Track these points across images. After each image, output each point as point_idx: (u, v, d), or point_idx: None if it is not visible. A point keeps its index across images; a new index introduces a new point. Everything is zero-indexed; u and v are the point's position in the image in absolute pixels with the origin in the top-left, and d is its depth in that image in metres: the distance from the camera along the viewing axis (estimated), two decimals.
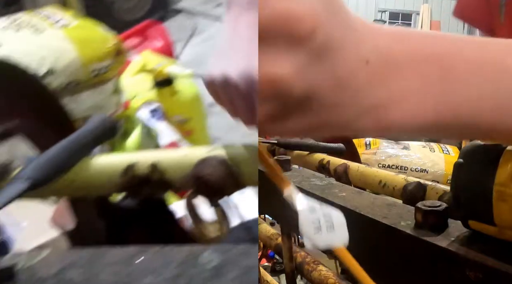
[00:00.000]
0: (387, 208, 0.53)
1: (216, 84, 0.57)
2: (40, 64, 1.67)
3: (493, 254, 0.38)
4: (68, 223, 0.91)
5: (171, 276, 0.44)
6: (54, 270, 0.46)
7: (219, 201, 0.66)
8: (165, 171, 0.65)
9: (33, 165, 0.62)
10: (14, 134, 0.95)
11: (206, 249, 0.48)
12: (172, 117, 2.16)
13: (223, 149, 0.64)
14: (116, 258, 0.48)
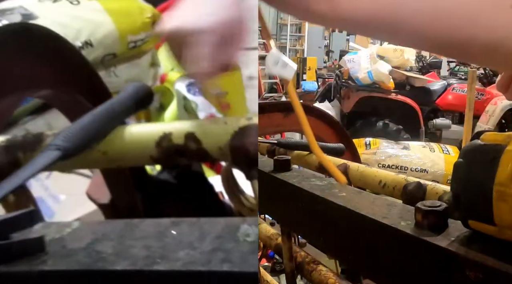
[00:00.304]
0: (387, 208, 0.53)
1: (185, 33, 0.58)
2: (76, 36, 1.63)
3: (493, 254, 0.38)
4: (103, 197, 0.89)
5: (207, 249, 0.42)
6: (85, 243, 0.45)
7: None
8: (201, 140, 0.61)
9: (64, 134, 0.59)
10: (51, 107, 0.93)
11: (244, 222, 0.45)
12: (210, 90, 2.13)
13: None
14: (149, 230, 0.46)
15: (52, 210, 1.52)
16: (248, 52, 0.65)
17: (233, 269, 0.39)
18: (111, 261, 0.42)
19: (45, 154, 0.56)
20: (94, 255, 0.43)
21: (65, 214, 1.47)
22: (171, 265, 0.40)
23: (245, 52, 0.62)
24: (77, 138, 0.60)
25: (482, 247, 0.39)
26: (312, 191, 0.63)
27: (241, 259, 0.40)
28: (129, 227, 0.47)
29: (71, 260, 0.42)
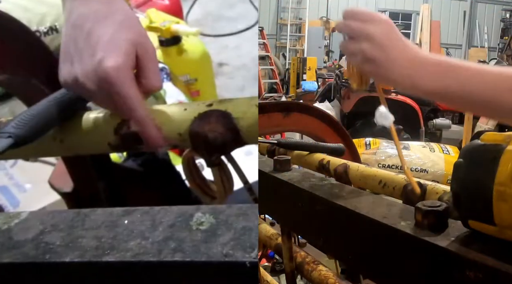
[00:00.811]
0: (387, 208, 0.53)
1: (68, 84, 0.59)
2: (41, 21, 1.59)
3: (493, 254, 0.38)
4: (66, 186, 0.87)
5: (159, 239, 0.41)
6: (33, 234, 0.44)
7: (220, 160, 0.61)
8: (161, 127, 0.60)
9: (16, 121, 0.57)
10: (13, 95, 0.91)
11: (198, 210, 0.44)
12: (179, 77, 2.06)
13: (224, 103, 0.59)
14: (100, 220, 0.45)
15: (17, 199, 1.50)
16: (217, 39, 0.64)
17: (185, 259, 0.39)
18: (59, 253, 0.41)
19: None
20: (42, 247, 0.42)
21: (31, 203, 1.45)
22: (121, 256, 0.40)
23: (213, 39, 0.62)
24: (30, 125, 0.57)
25: (482, 247, 0.39)
26: (312, 191, 0.63)
27: (194, 248, 0.40)
28: (80, 217, 0.46)
29: (17, 252, 0.41)
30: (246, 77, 3.26)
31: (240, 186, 0.65)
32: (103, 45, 0.57)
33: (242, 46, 3.50)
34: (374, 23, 0.63)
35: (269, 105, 1.28)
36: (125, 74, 0.56)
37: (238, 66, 3.35)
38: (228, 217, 0.43)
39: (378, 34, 0.62)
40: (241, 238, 0.40)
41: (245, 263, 0.38)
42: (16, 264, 0.41)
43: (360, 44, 0.63)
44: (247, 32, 3.59)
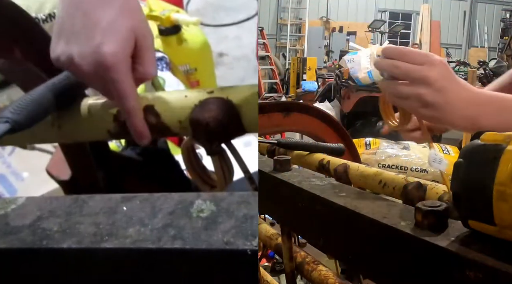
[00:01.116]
0: (387, 208, 0.53)
1: (61, 62, 0.58)
2: (39, 8, 1.57)
3: (493, 254, 0.38)
4: (63, 174, 0.87)
5: (159, 226, 0.41)
6: (30, 220, 0.43)
7: (220, 149, 0.60)
8: (161, 114, 0.59)
9: (13, 106, 0.56)
10: (11, 82, 0.89)
11: (199, 197, 0.44)
12: (179, 66, 2.01)
13: (226, 91, 0.58)
14: (99, 207, 0.44)
15: (15, 187, 1.49)
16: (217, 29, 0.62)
17: (185, 246, 0.38)
18: (57, 239, 0.40)
19: None
20: (39, 233, 0.41)
21: (28, 192, 1.44)
22: (119, 243, 0.39)
23: (213, 29, 0.62)
24: (27, 110, 0.56)
25: (482, 247, 0.39)
26: (312, 191, 0.63)
27: (194, 235, 0.39)
28: (78, 203, 0.45)
29: (14, 238, 0.41)
30: (246, 67, 3.25)
31: (239, 176, 0.65)
32: (102, 29, 0.56)
33: (243, 37, 3.48)
34: (430, 65, 0.60)
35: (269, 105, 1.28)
36: (122, 61, 0.56)
37: (238, 57, 3.33)
38: (229, 205, 0.43)
39: (437, 78, 0.59)
40: (242, 226, 0.40)
41: (246, 251, 0.38)
42: (13, 250, 0.40)
43: (417, 88, 0.60)
44: (247, 23, 3.56)
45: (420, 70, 0.60)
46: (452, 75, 0.61)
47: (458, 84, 0.61)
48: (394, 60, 0.61)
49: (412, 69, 0.60)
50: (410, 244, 0.45)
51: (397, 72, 0.61)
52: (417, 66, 0.60)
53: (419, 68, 0.60)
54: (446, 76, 0.60)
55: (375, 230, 0.50)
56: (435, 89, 0.60)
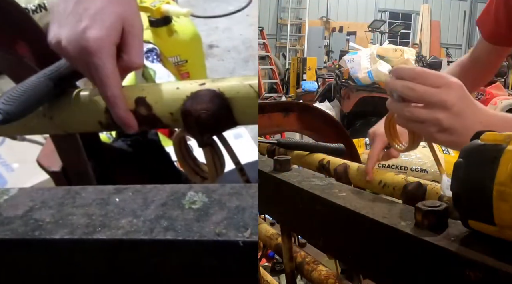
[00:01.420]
0: (387, 208, 0.53)
1: (52, 46, 0.59)
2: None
3: (493, 254, 0.38)
4: (54, 164, 0.87)
5: (151, 217, 0.41)
6: (22, 210, 0.43)
7: (211, 141, 0.60)
8: (152, 106, 0.59)
9: (5, 97, 0.56)
10: (1, 73, 0.89)
11: (191, 189, 0.44)
12: (169, 58, 2.02)
13: (217, 83, 0.58)
14: (91, 198, 0.44)
15: (4, 178, 1.49)
16: (207, 20, 0.62)
17: (177, 237, 0.38)
18: (49, 230, 0.40)
19: None
20: (32, 224, 0.41)
21: (18, 183, 1.44)
22: (112, 234, 0.39)
23: (204, 21, 0.62)
24: (19, 101, 0.57)
25: (482, 247, 0.39)
26: (312, 191, 0.63)
27: (186, 227, 0.39)
28: (70, 194, 0.45)
29: (6, 228, 0.41)
30: (236, 59, 3.24)
31: (230, 167, 0.65)
32: (89, 14, 0.57)
33: (233, 28, 3.47)
34: (448, 88, 0.57)
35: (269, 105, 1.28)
36: (105, 47, 0.56)
37: (228, 48, 3.32)
38: (221, 196, 0.43)
39: (455, 101, 0.56)
40: (234, 218, 0.40)
41: (238, 242, 0.38)
42: (5, 241, 0.40)
43: (434, 113, 0.57)
44: (238, 14, 3.55)
45: (437, 93, 0.56)
46: (469, 98, 0.58)
47: (475, 107, 0.59)
48: (408, 82, 0.58)
49: (429, 92, 0.57)
50: (410, 244, 0.45)
51: (413, 94, 0.57)
52: (434, 88, 0.57)
53: (436, 91, 0.57)
54: (463, 99, 0.57)
55: (375, 230, 0.50)
56: (453, 113, 0.57)
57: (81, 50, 0.56)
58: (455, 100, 0.57)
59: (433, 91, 0.57)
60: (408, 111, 0.59)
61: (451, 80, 0.58)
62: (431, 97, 0.57)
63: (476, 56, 1.08)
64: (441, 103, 0.57)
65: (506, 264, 0.36)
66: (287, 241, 0.78)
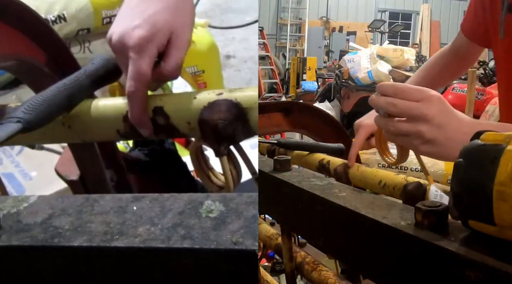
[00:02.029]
0: (387, 208, 0.53)
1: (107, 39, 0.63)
2: (49, 10, 1.60)
3: (493, 254, 0.38)
4: (72, 173, 0.88)
5: (168, 226, 0.41)
6: (41, 218, 0.44)
7: (228, 150, 0.61)
8: (170, 115, 0.60)
9: (25, 106, 0.57)
10: (20, 82, 0.90)
11: (208, 198, 0.44)
12: (186, 68, 2.05)
13: (234, 93, 0.58)
14: (109, 206, 0.45)
15: (23, 186, 1.51)
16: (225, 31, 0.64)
17: (194, 246, 0.39)
18: (68, 237, 0.41)
19: (5, 126, 0.54)
20: (51, 231, 0.42)
21: (36, 191, 1.46)
22: (129, 242, 0.40)
23: (221, 31, 0.65)
24: (39, 110, 0.57)
25: (482, 247, 0.39)
26: (312, 191, 0.63)
27: (203, 235, 0.40)
28: (89, 202, 0.46)
29: (26, 235, 0.41)
30: (253, 69, 3.26)
31: (247, 178, 0.65)
32: (143, 16, 0.60)
33: (250, 39, 3.49)
34: (428, 101, 0.59)
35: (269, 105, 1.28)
36: (146, 47, 0.59)
37: (245, 59, 3.34)
38: (238, 205, 0.43)
39: (436, 114, 0.59)
40: (250, 226, 0.40)
41: (254, 251, 0.38)
42: (25, 247, 0.41)
43: (416, 126, 0.59)
44: (255, 25, 3.57)
45: (418, 107, 0.59)
46: (450, 109, 0.61)
47: (456, 117, 0.61)
48: (391, 98, 0.60)
49: (410, 106, 0.59)
50: (410, 244, 0.45)
51: (395, 110, 0.60)
52: (415, 103, 0.59)
53: (417, 105, 0.59)
54: (444, 111, 0.60)
55: (375, 230, 0.50)
56: (434, 125, 0.59)
57: (125, 44, 0.59)
58: (435, 113, 0.59)
59: (414, 105, 0.59)
60: (392, 126, 0.61)
61: (431, 93, 0.60)
62: (412, 111, 0.59)
63: (456, 48, 1.12)
64: (422, 116, 0.59)
65: (506, 264, 0.36)
66: (287, 241, 0.78)
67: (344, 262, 0.83)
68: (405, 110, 0.60)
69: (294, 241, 0.84)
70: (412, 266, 0.45)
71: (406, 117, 0.60)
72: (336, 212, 0.57)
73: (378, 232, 0.49)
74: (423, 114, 0.59)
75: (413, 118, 0.59)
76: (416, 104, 0.59)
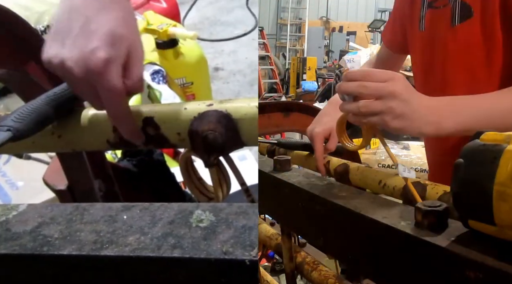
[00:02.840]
0: (387, 208, 0.53)
1: (53, 65, 0.59)
2: (38, 20, 1.61)
3: (493, 254, 0.38)
4: (60, 183, 0.87)
5: (159, 235, 0.41)
6: (31, 226, 0.44)
7: (218, 161, 0.61)
8: (160, 125, 0.60)
9: (15, 115, 0.57)
10: (8, 92, 0.90)
11: (198, 207, 0.44)
12: (175, 79, 2.05)
13: (225, 104, 0.59)
14: (99, 215, 0.45)
15: (9, 196, 1.50)
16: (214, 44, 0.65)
17: (184, 255, 0.39)
18: (57, 246, 0.41)
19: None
20: (40, 239, 0.42)
21: (23, 201, 1.46)
22: (119, 251, 0.40)
23: (210, 44, 0.64)
24: (29, 119, 0.57)
25: (482, 247, 0.39)
26: (312, 191, 0.63)
27: (193, 245, 0.40)
28: (79, 211, 0.46)
29: (15, 243, 0.41)
30: (241, 82, 3.29)
31: (236, 189, 0.65)
32: (100, 36, 0.57)
33: (238, 52, 3.53)
34: (394, 80, 0.66)
35: (269, 105, 1.28)
36: (115, 68, 0.57)
37: (233, 71, 3.37)
38: (228, 215, 0.43)
39: (402, 90, 0.66)
40: (241, 236, 0.40)
41: (244, 261, 0.38)
42: (13, 256, 0.40)
43: (387, 102, 0.65)
44: (243, 38, 3.62)
45: (386, 86, 0.66)
46: (411, 86, 0.68)
47: (417, 93, 0.69)
48: (360, 82, 0.67)
49: (379, 86, 0.66)
50: (410, 244, 0.45)
51: (366, 91, 0.66)
52: (382, 83, 0.66)
53: (385, 85, 0.66)
54: (408, 88, 0.67)
55: (375, 230, 0.50)
56: (402, 100, 0.66)
57: (90, 71, 0.56)
58: (402, 89, 0.66)
59: (383, 85, 0.66)
60: (363, 106, 0.66)
61: (394, 74, 0.68)
62: (382, 90, 0.66)
63: (380, 58, 1.23)
64: (391, 93, 0.66)
65: (506, 264, 0.36)
66: (287, 241, 0.78)
67: (344, 262, 0.83)
68: (375, 90, 0.66)
69: (294, 241, 0.84)
70: (412, 266, 0.45)
71: (376, 97, 0.66)
72: (336, 212, 0.57)
73: (378, 232, 0.49)
74: (391, 92, 0.65)
75: (382, 96, 0.66)
76: (384, 84, 0.66)
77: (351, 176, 0.78)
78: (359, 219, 0.52)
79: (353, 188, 0.67)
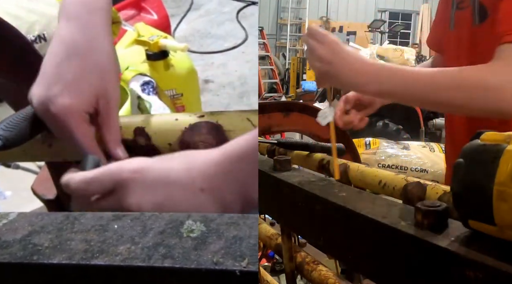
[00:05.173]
0: (387, 208, 0.53)
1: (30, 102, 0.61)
2: (29, 30, 1.61)
3: (493, 254, 0.38)
4: (49, 192, 0.87)
5: (149, 245, 0.41)
6: (21, 235, 0.43)
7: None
8: (151, 136, 0.60)
9: (4, 124, 0.58)
10: (1, 101, 0.90)
11: (189, 217, 0.45)
12: (165, 91, 2.09)
13: (216, 116, 0.60)
14: (89, 224, 0.45)
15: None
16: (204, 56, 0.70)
17: (175, 265, 0.39)
18: (47, 255, 0.41)
19: None
20: (30, 248, 0.41)
21: (11, 211, 1.46)
22: (110, 260, 0.40)
23: (200, 56, 0.65)
24: (19, 128, 0.58)
25: (482, 247, 0.39)
26: (312, 191, 0.63)
27: (184, 255, 0.40)
28: (69, 220, 0.46)
29: (4, 252, 0.41)
30: (231, 95, 3.32)
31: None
32: (65, 80, 0.58)
33: (228, 64, 3.56)
34: (323, 43, 0.76)
35: (269, 105, 1.28)
36: (74, 116, 0.58)
37: (223, 84, 3.41)
38: (219, 226, 0.43)
39: (325, 54, 0.76)
40: (231, 247, 0.40)
41: (235, 272, 0.38)
42: (3, 264, 0.40)
43: (314, 61, 0.77)
44: (233, 51, 3.66)
45: (316, 47, 0.76)
46: (341, 50, 0.76)
47: (346, 57, 0.76)
48: (309, 37, 0.78)
49: (313, 45, 0.76)
50: (410, 244, 0.45)
51: (307, 46, 0.78)
52: (318, 44, 0.76)
53: (317, 46, 0.76)
54: (333, 51, 0.76)
55: (375, 230, 0.50)
56: (324, 62, 0.76)
57: (48, 115, 0.58)
58: (325, 53, 0.75)
59: (315, 44, 0.76)
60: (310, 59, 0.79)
61: (329, 37, 0.76)
62: (313, 49, 0.76)
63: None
64: (316, 54, 0.76)
65: (506, 264, 0.36)
66: (287, 241, 0.78)
67: (344, 262, 0.83)
68: (310, 47, 0.77)
69: (294, 241, 0.84)
70: (412, 266, 0.45)
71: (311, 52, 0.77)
72: (336, 212, 0.57)
73: (378, 232, 0.49)
74: (317, 53, 0.76)
75: (312, 54, 0.77)
76: (316, 44, 0.76)
77: (351, 176, 0.78)
78: (359, 219, 0.52)
79: (353, 188, 0.67)
